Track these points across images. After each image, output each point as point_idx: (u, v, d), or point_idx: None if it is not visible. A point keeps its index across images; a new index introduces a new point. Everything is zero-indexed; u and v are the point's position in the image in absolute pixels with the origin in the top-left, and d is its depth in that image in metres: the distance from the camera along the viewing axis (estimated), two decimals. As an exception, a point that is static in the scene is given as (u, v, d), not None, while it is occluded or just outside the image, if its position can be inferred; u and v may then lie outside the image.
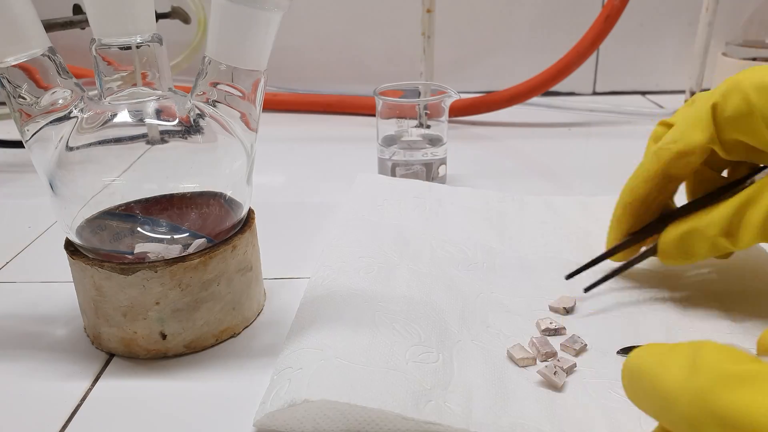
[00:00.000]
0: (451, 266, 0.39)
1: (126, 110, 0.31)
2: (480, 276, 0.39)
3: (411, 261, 0.39)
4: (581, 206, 0.49)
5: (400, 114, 0.53)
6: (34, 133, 0.30)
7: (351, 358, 0.28)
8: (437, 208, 0.47)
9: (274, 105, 0.83)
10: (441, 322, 0.33)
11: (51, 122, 0.31)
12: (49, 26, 0.59)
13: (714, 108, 0.32)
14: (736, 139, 0.32)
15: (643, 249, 0.38)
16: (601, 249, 0.39)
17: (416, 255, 0.40)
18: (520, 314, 0.35)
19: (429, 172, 0.53)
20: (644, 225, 0.37)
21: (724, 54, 0.84)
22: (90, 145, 0.31)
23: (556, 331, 0.33)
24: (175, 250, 0.32)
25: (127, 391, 0.31)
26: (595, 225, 0.45)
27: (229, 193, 0.34)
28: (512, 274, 0.39)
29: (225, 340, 0.34)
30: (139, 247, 0.32)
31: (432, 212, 0.47)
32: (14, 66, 0.29)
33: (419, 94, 0.58)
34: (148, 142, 0.32)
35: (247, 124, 0.34)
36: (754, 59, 0.81)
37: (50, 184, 0.31)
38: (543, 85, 0.72)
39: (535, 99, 0.78)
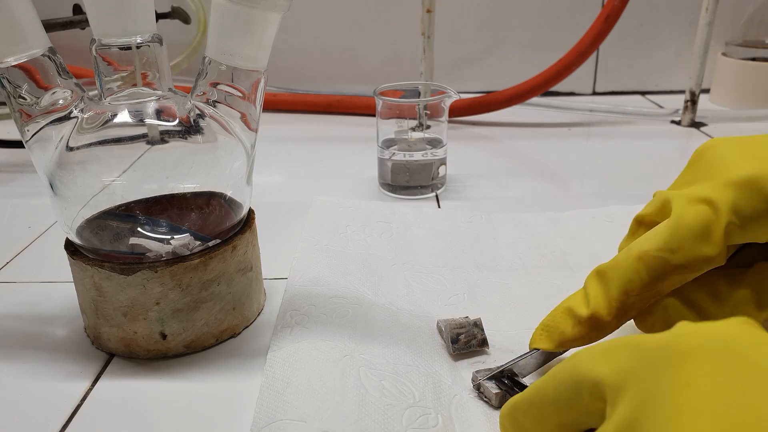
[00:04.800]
0: (429, 302, 0.36)
1: (126, 110, 0.31)
2: (463, 311, 0.36)
3: (386, 298, 0.36)
4: (552, 222, 0.46)
5: (400, 114, 0.53)
6: (35, 133, 0.30)
7: (341, 430, 0.25)
8: (404, 232, 0.45)
9: (274, 105, 0.83)
10: (433, 373, 0.30)
11: (51, 122, 0.31)
12: (49, 26, 0.59)
13: (734, 211, 0.26)
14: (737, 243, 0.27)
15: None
16: (581, 268, 0.38)
17: (390, 290, 0.37)
18: (513, 353, 0.32)
19: (429, 172, 0.53)
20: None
21: (723, 54, 0.84)
22: (90, 145, 0.31)
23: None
24: (168, 249, 0.32)
25: (127, 391, 0.31)
26: (571, 243, 0.43)
27: (229, 193, 0.34)
28: (496, 304, 0.36)
29: (225, 340, 0.34)
30: (133, 241, 0.32)
31: (400, 237, 0.44)
32: (14, 66, 0.29)
33: (419, 94, 0.58)
34: (148, 143, 0.32)
35: (247, 124, 0.34)
36: (754, 59, 0.81)
37: (50, 184, 0.31)
38: (543, 85, 0.72)
39: (535, 99, 0.78)
